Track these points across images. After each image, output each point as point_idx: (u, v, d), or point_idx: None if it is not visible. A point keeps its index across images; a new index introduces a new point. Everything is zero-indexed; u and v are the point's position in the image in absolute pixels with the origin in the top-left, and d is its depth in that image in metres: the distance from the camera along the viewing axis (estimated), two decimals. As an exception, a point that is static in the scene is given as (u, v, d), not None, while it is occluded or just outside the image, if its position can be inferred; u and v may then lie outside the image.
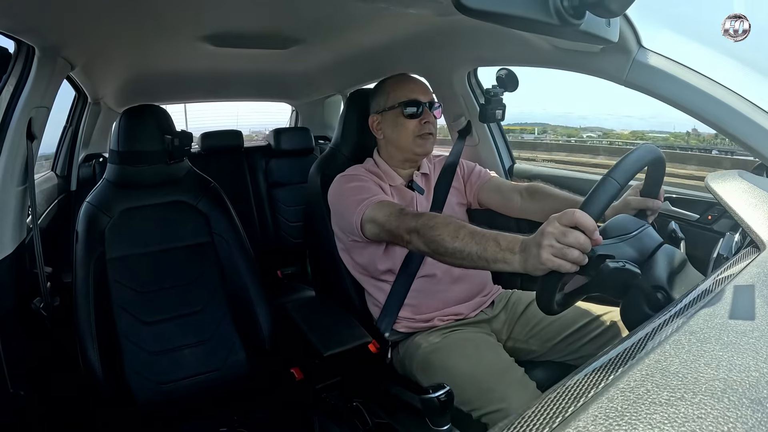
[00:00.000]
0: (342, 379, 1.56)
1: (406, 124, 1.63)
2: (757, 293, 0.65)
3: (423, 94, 1.65)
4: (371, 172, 1.67)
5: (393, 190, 1.67)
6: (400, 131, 1.65)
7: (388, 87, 1.69)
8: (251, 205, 3.17)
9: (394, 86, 1.68)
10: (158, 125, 1.68)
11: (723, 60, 1.42)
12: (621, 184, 0.99)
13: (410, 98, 1.63)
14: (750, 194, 1.05)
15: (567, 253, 0.94)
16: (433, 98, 1.69)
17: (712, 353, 0.51)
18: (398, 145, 1.67)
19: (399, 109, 1.64)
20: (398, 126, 1.65)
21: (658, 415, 0.42)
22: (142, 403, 1.52)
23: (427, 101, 1.64)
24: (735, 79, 1.34)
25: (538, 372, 1.47)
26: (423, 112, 1.63)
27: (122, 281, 1.59)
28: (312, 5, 1.67)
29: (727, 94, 1.33)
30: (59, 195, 2.57)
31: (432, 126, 1.65)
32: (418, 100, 1.63)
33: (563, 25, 0.78)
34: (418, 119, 1.63)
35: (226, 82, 3.02)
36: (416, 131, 1.63)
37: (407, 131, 1.64)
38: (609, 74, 1.50)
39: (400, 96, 1.65)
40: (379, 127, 1.69)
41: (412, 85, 1.68)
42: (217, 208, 1.75)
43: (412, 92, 1.65)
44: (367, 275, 1.66)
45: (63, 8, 1.38)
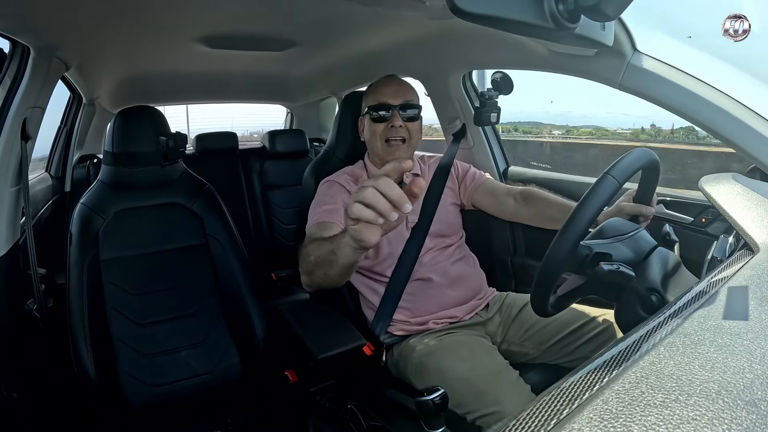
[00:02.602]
0: (336, 381, 1.56)
1: (374, 128, 1.64)
2: (751, 295, 0.65)
3: (394, 97, 1.64)
4: (353, 176, 1.67)
5: None
6: (371, 136, 1.66)
7: (369, 90, 1.70)
8: (246, 207, 3.17)
9: (372, 90, 1.69)
10: (153, 126, 1.67)
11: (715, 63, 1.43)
12: (620, 181, 0.99)
13: (379, 101, 1.63)
14: (744, 197, 1.06)
15: (351, 211, 0.86)
16: (409, 100, 1.66)
17: (707, 355, 0.51)
18: (372, 149, 1.69)
19: (369, 114, 1.65)
20: (370, 131, 1.66)
21: (653, 417, 0.42)
22: (136, 406, 1.51)
23: (398, 104, 1.62)
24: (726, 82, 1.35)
25: (532, 374, 1.47)
26: (392, 116, 1.62)
27: (116, 283, 1.59)
28: (308, 8, 1.67)
29: (721, 97, 1.33)
30: (53, 196, 2.56)
31: (403, 130, 1.63)
32: (386, 103, 1.62)
33: (558, 29, 0.78)
34: (385, 123, 1.62)
35: (221, 83, 3.02)
36: (383, 136, 1.63)
37: (375, 135, 1.65)
38: (604, 78, 1.50)
39: (371, 99, 1.66)
40: (362, 129, 1.71)
41: (385, 88, 1.66)
42: (211, 210, 1.75)
43: (382, 95, 1.64)
44: (360, 276, 1.66)
45: (59, 8, 1.38)
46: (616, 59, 1.43)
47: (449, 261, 1.68)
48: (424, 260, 1.64)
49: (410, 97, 1.67)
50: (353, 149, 1.82)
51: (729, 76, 1.36)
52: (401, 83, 1.70)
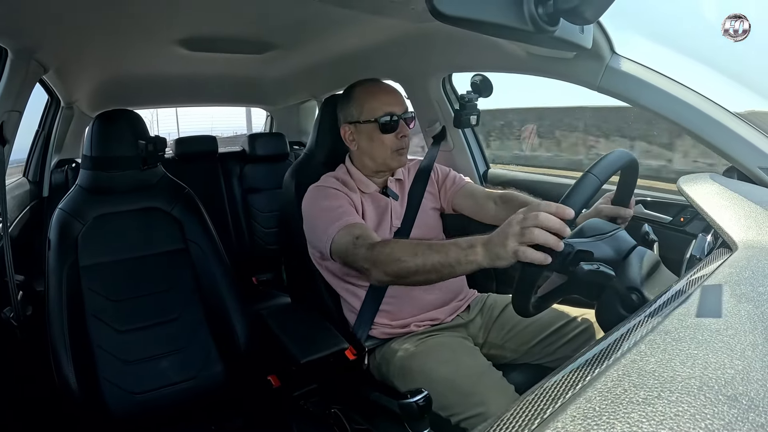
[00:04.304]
0: (319, 385, 1.55)
1: (383, 139, 1.60)
2: (730, 292, 0.66)
3: (398, 106, 1.62)
4: (341, 181, 1.65)
5: (365, 198, 1.66)
6: (376, 146, 1.62)
7: (361, 97, 1.64)
8: (226, 211, 3.16)
9: (368, 97, 1.63)
10: (132, 130, 1.65)
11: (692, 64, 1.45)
12: (601, 180, 1.00)
13: (386, 112, 1.59)
14: (721, 196, 1.07)
15: (533, 236, 0.95)
16: (407, 108, 1.65)
17: (687, 352, 0.52)
18: (373, 158, 1.65)
19: (375, 124, 1.59)
20: (375, 140, 1.61)
21: (636, 414, 0.42)
22: (118, 414, 1.49)
23: (401, 112, 1.61)
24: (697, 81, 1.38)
25: (515, 375, 1.48)
26: (399, 126, 1.60)
27: (96, 289, 1.56)
28: (287, 10, 1.66)
29: (698, 99, 1.36)
30: (31, 201, 2.52)
31: (407, 139, 1.63)
32: (393, 113, 1.59)
33: (538, 32, 0.79)
34: (395, 133, 1.60)
35: (201, 86, 3.00)
36: (393, 146, 1.61)
37: (384, 146, 1.61)
38: (582, 80, 1.52)
39: (376, 109, 1.60)
40: (352, 138, 1.65)
41: (386, 97, 1.63)
42: (191, 215, 1.73)
43: (388, 105, 1.60)
44: (341, 281, 1.66)
45: (37, 11, 1.35)
46: (595, 62, 1.45)
47: (429, 264, 1.67)
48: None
49: (407, 105, 1.66)
50: (333, 152, 1.81)
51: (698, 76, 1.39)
52: (395, 89, 1.68)
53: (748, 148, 1.31)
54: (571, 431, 0.42)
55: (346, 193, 1.59)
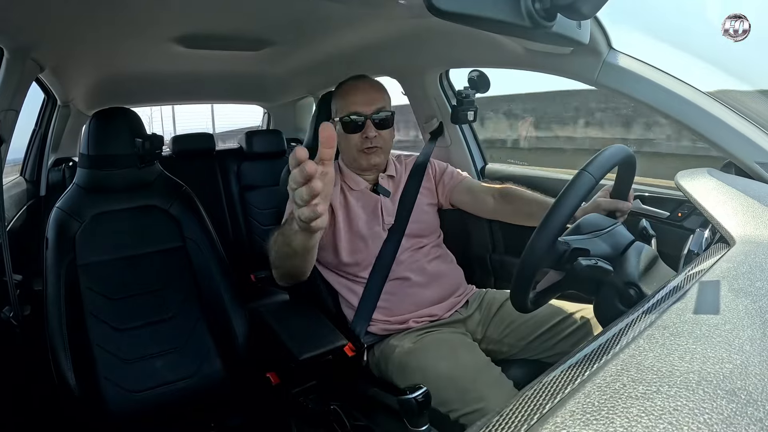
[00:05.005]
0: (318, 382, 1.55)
1: (347, 138, 1.62)
2: (728, 287, 0.66)
3: (365, 105, 1.60)
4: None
5: (353, 195, 1.67)
6: (345, 144, 1.64)
7: (338, 95, 1.67)
8: (223, 209, 3.15)
9: (341, 96, 1.65)
10: (129, 128, 1.65)
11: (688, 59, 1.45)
12: (596, 177, 1.00)
13: (350, 111, 1.60)
14: (719, 191, 1.07)
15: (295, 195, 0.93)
16: (381, 106, 1.62)
17: (686, 347, 0.52)
18: (346, 156, 1.68)
19: (340, 123, 1.62)
20: (343, 139, 1.62)
21: (635, 409, 0.43)
22: (116, 413, 1.49)
23: (369, 112, 1.60)
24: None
25: (514, 370, 1.48)
26: (365, 126, 1.60)
27: (94, 288, 1.56)
28: (283, 7, 1.66)
29: (695, 93, 1.36)
30: (28, 200, 2.51)
31: (377, 139, 1.61)
32: (358, 112, 1.59)
33: (535, 28, 0.79)
34: (359, 134, 1.60)
35: (197, 84, 2.99)
36: (359, 146, 1.61)
37: (351, 146, 1.63)
38: (580, 76, 1.52)
39: (342, 108, 1.62)
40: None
41: (354, 96, 1.62)
42: (189, 212, 1.73)
43: (353, 104, 1.60)
44: (338, 276, 1.66)
45: (33, 9, 1.35)
46: (592, 57, 1.45)
47: (426, 259, 1.68)
48: (401, 259, 1.64)
49: (381, 104, 1.63)
50: (330, 149, 1.81)
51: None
52: (371, 87, 1.66)
53: (745, 143, 1.31)
54: (570, 426, 0.42)
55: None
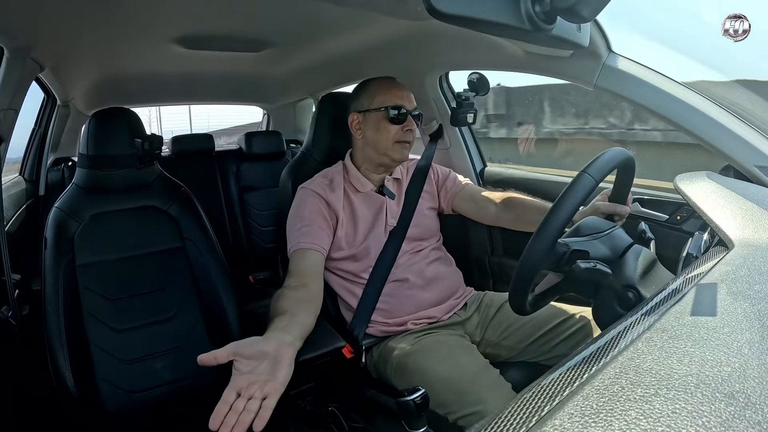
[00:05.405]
0: (316, 384, 1.55)
1: (388, 128, 1.63)
2: (727, 290, 0.66)
3: (408, 102, 1.65)
4: (329, 179, 1.68)
5: (358, 197, 1.68)
6: (381, 134, 1.64)
7: (375, 89, 1.68)
8: (223, 210, 3.15)
9: (381, 89, 1.67)
10: (128, 128, 1.65)
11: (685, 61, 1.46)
12: (596, 179, 1.00)
13: (396, 103, 1.63)
14: (718, 195, 1.08)
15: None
16: (415, 107, 1.69)
17: (684, 350, 0.52)
18: (377, 148, 1.66)
19: (384, 113, 1.63)
20: (380, 129, 1.64)
21: (634, 412, 0.43)
22: (114, 413, 1.48)
23: (410, 108, 1.65)
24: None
25: (512, 373, 1.48)
26: (406, 119, 1.63)
27: (92, 288, 1.56)
28: (284, 9, 1.66)
29: (695, 97, 1.36)
30: (27, 200, 2.51)
31: (412, 134, 1.66)
32: (403, 106, 1.63)
33: (535, 30, 0.79)
34: (400, 125, 1.63)
35: (197, 84, 2.99)
36: (396, 137, 1.63)
37: (388, 135, 1.63)
38: (579, 78, 1.52)
39: (386, 100, 1.64)
40: (358, 126, 1.68)
41: (399, 92, 1.67)
42: (188, 213, 1.72)
43: (398, 98, 1.64)
44: (338, 278, 1.66)
45: (33, 9, 1.35)
46: (592, 60, 1.45)
47: (425, 262, 1.68)
48: (400, 261, 1.64)
49: (416, 105, 1.69)
50: (330, 150, 1.81)
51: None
52: (406, 88, 1.71)
53: (744, 146, 1.31)
54: (568, 429, 0.42)
55: (326, 198, 1.63)
